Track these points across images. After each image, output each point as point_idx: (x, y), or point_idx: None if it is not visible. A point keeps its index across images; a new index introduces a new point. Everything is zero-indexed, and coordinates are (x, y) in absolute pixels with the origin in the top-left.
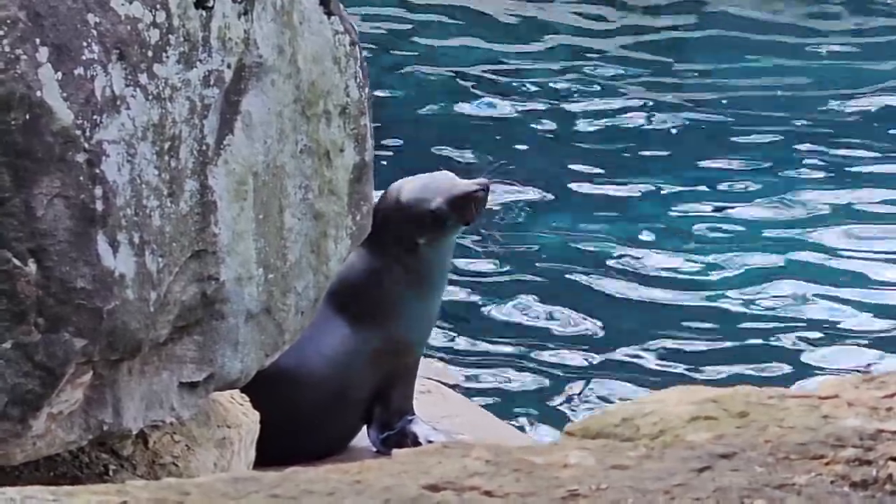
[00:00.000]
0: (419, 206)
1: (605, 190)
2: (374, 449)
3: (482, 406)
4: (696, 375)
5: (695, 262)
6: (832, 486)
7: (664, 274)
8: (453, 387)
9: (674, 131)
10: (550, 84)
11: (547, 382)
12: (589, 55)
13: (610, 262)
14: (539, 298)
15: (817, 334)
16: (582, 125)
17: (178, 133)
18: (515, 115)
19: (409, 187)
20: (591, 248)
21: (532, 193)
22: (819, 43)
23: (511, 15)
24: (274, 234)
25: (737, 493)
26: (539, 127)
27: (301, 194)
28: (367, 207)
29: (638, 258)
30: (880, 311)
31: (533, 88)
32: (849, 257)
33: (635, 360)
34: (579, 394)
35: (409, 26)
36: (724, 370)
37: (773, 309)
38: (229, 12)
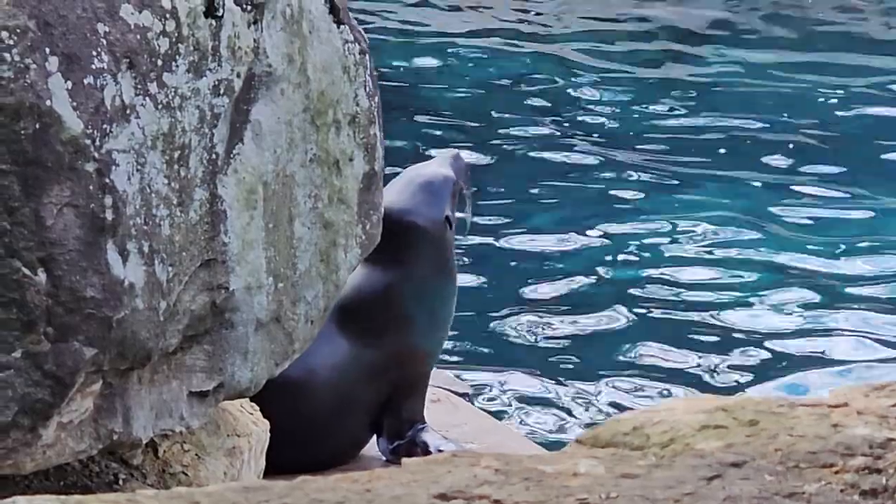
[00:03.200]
0: (437, 217)
1: (611, 198)
2: (384, 458)
3: (492, 415)
4: (706, 384)
5: (704, 269)
6: (842, 495)
7: (673, 282)
8: (463, 395)
9: (685, 134)
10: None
11: (556, 391)
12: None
13: (619, 271)
14: (548, 307)
15: (826, 342)
16: (586, 125)
17: (188, 142)
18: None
19: (407, 198)
20: (600, 257)
21: (539, 202)
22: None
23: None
24: (283, 243)
25: (747, 502)
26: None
27: (310, 203)
28: (377, 216)
29: (648, 267)
30: (891, 319)
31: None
32: (860, 265)
33: (645, 368)
34: (589, 402)
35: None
36: (734, 378)
37: (783, 317)
38: (239, 21)
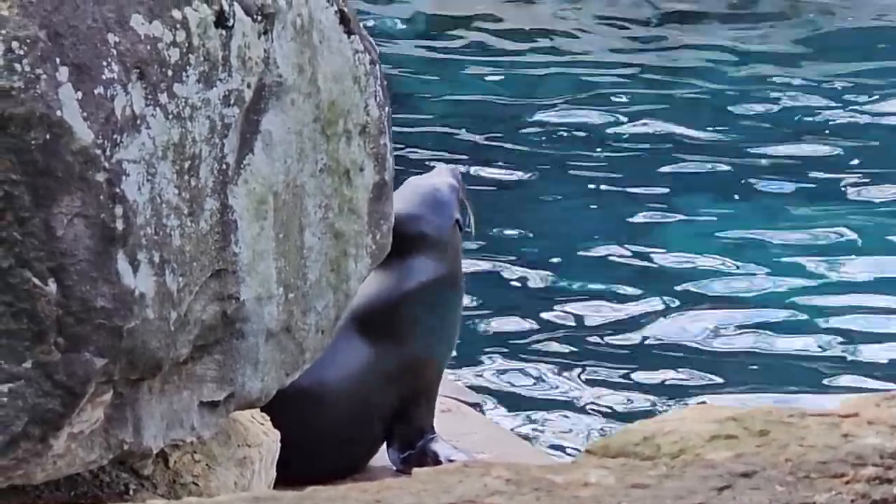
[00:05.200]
0: (446, 223)
1: (621, 206)
2: (395, 468)
3: (502, 425)
4: (717, 394)
5: (718, 278)
6: None
7: (685, 291)
8: (473, 405)
9: (700, 141)
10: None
11: (567, 401)
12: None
13: (630, 281)
14: (558, 317)
15: (838, 352)
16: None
17: (199, 152)
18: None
19: (416, 206)
20: (611, 267)
21: (548, 210)
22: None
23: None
24: (294, 253)
25: None
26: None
27: (321, 213)
28: (387, 226)
29: (658, 276)
30: None
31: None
32: (872, 276)
33: (656, 378)
34: (599, 412)
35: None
36: (745, 388)
37: (794, 326)
38: (249, 32)
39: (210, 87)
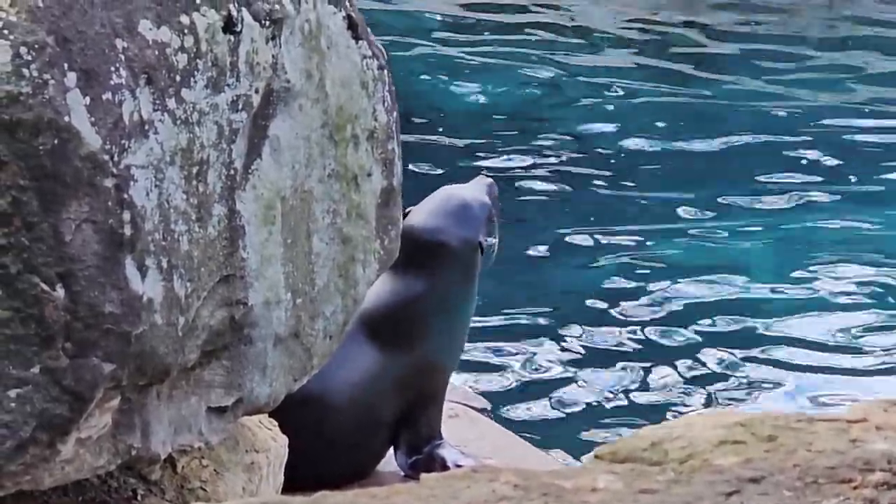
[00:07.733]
0: (470, 240)
1: (627, 215)
2: (403, 473)
3: (510, 430)
4: (725, 400)
5: (724, 284)
6: None
7: (691, 297)
8: (481, 411)
9: (708, 149)
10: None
11: (575, 406)
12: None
13: (637, 287)
14: (566, 322)
15: (847, 357)
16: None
17: (206, 157)
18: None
19: (443, 218)
20: (617, 272)
21: (555, 220)
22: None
23: None
24: (302, 258)
25: None
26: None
27: (329, 219)
28: (396, 232)
29: (666, 281)
30: None
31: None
32: (879, 282)
33: (664, 383)
34: (607, 417)
35: None
36: (752, 394)
37: (802, 331)
38: (257, 37)
39: (218, 93)
